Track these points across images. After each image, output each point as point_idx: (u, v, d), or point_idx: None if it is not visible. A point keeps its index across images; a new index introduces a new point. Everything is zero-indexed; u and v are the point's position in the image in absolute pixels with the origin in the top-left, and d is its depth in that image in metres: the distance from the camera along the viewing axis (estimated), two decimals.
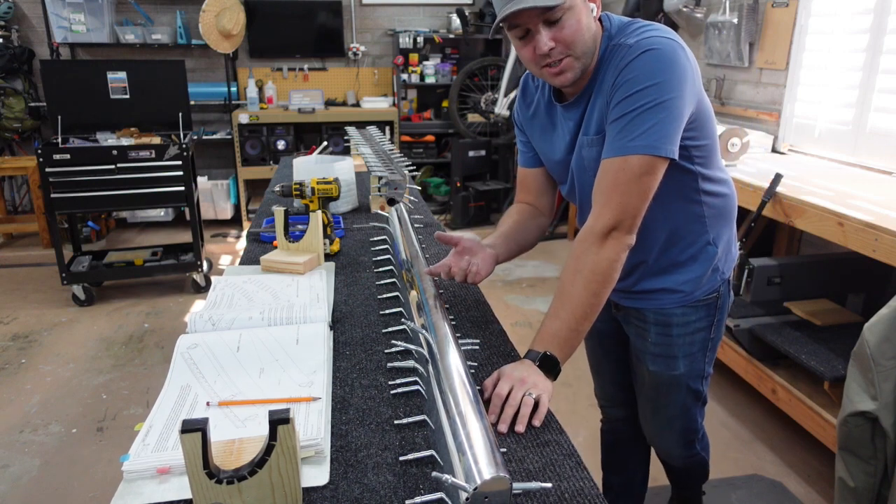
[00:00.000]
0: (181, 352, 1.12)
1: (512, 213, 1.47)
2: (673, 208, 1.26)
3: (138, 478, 0.85)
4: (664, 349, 1.40)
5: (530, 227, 1.44)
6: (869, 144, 2.55)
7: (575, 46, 1.12)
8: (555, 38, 1.11)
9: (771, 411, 2.49)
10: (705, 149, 1.22)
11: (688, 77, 1.10)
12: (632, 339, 1.48)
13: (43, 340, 3.20)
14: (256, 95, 4.82)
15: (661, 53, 1.08)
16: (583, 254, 1.12)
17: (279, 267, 1.53)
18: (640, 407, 1.58)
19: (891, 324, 1.45)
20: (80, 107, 3.57)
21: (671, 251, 1.32)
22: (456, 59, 5.25)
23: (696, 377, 1.44)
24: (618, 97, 1.11)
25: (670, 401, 1.47)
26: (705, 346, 1.42)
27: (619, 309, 1.47)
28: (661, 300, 1.36)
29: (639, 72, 1.08)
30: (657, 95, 1.07)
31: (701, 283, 1.35)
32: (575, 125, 1.26)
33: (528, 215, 1.45)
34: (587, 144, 1.22)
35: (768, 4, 2.98)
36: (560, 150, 1.31)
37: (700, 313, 1.38)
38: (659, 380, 1.44)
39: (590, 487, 0.85)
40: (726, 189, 1.33)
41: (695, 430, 1.53)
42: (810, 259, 2.60)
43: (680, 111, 1.09)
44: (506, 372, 1.05)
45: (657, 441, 1.60)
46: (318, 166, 2.10)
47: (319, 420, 0.96)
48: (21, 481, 2.19)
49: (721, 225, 1.34)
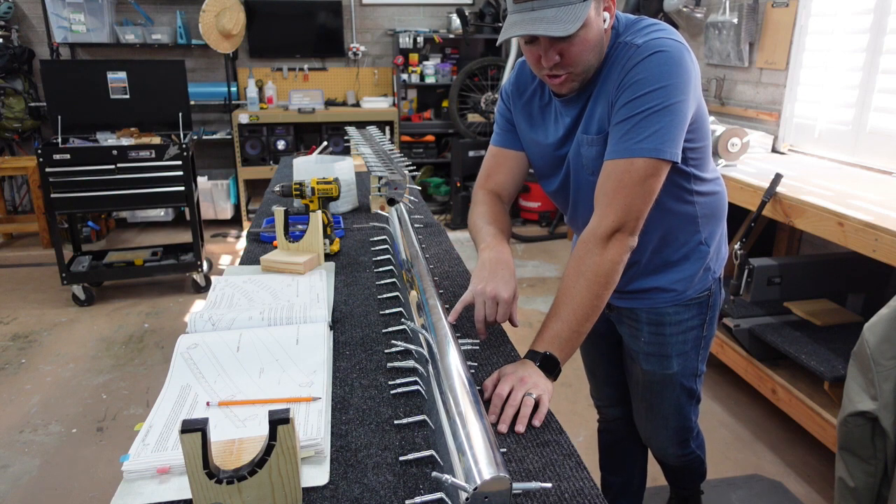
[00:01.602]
0: (181, 352, 1.12)
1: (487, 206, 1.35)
2: (666, 209, 1.27)
3: (138, 478, 0.85)
4: (657, 348, 1.41)
5: (506, 219, 1.34)
6: (869, 144, 2.55)
7: (578, 65, 1.13)
8: (561, 53, 1.11)
9: (771, 411, 2.49)
10: (700, 151, 1.24)
11: (692, 81, 1.11)
12: (625, 339, 1.48)
13: (43, 340, 3.20)
14: (256, 95, 4.82)
15: (670, 56, 1.09)
16: (586, 255, 1.13)
17: (279, 267, 1.53)
18: (634, 406, 1.58)
19: (891, 324, 1.45)
20: (80, 107, 3.57)
21: (664, 251, 1.33)
22: (456, 59, 5.24)
23: (689, 375, 1.44)
24: (624, 98, 1.11)
25: (664, 399, 1.47)
26: (698, 345, 1.42)
27: (611, 309, 1.47)
28: (654, 299, 1.37)
29: (647, 73, 1.09)
30: (664, 99, 1.08)
31: (693, 282, 1.35)
32: (572, 121, 1.25)
33: (500, 207, 1.36)
34: (587, 143, 1.21)
35: (768, 4, 2.98)
36: (553, 143, 1.30)
37: (692, 311, 1.38)
38: (653, 379, 1.45)
39: (590, 487, 0.85)
40: (717, 187, 1.34)
41: (689, 428, 1.54)
42: (810, 259, 2.60)
43: (685, 115, 1.11)
44: (506, 372, 1.05)
45: (652, 440, 1.60)
46: (318, 166, 2.10)
47: (319, 420, 0.96)
48: (21, 481, 2.19)
49: (713, 224, 1.35)
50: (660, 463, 1.73)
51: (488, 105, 4.86)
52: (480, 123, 5.06)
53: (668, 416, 1.50)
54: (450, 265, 1.64)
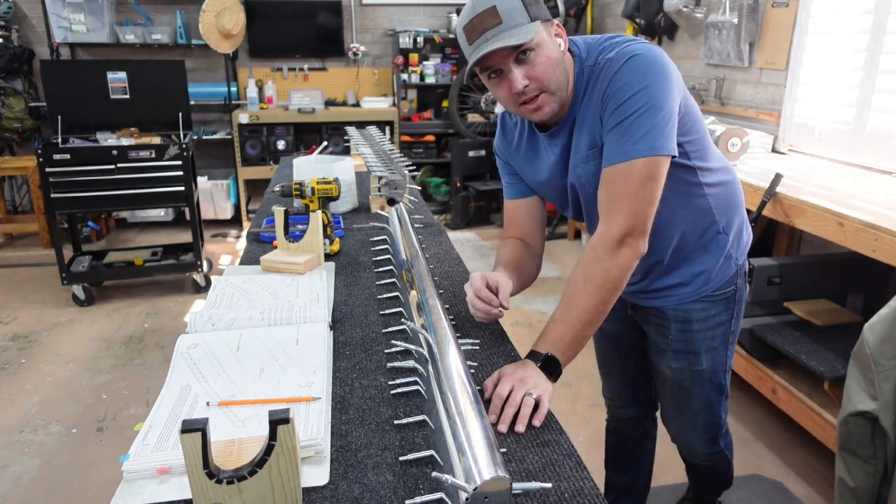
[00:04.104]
0: (181, 352, 1.12)
1: (507, 249, 1.38)
2: (680, 207, 1.28)
3: (138, 478, 0.85)
4: (686, 345, 1.42)
5: (528, 263, 1.37)
6: (869, 144, 2.55)
7: (548, 82, 1.14)
8: (528, 75, 1.13)
9: (771, 411, 2.49)
10: (697, 142, 1.24)
11: (672, 76, 1.13)
12: (652, 337, 1.48)
13: (43, 340, 3.20)
14: (256, 95, 4.82)
15: (646, 58, 1.11)
16: (595, 261, 1.13)
17: (279, 267, 1.53)
18: (661, 405, 1.58)
19: (891, 324, 1.45)
20: (80, 107, 3.58)
21: (685, 248, 1.34)
22: (456, 59, 5.24)
23: (719, 371, 1.45)
24: (612, 105, 1.12)
25: (694, 396, 1.48)
26: (726, 340, 1.43)
27: (636, 310, 1.48)
28: (678, 295, 1.38)
29: (629, 78, 1.11)
30: (650, 97, 1.09)
31: (714, 272, 1.36)
32: (561, 150, 1.26)
33: (523, 251, 1.38)
34: (581, 162, 1.22)
35: (768, 4, 2.98)
36: (552, 177, 1.31)
37: (719, 307, 1.39)
38: (682, 376, 1.45)
39: (590, 487, 0.85)
40: (727, 176, 1.34)
41: (718, 425, 1.54)
42: (810, 259, 2.60)
43: (672, 109, 1.12)
44: (506, 372, 1.05)
45: (681, 439, 1.60)
46: (318, 166, 2.10)
47: (319, 420, 0.96)
48: (21, 481, 2.19)
49: (730, 212, 1.35)
50: (686, 463, 1.73)
51: (488, 105, 4.86)
52: (480, 123, 5.06)
53: (697, 413, 1.51)
54: (450, 265, 1.65)
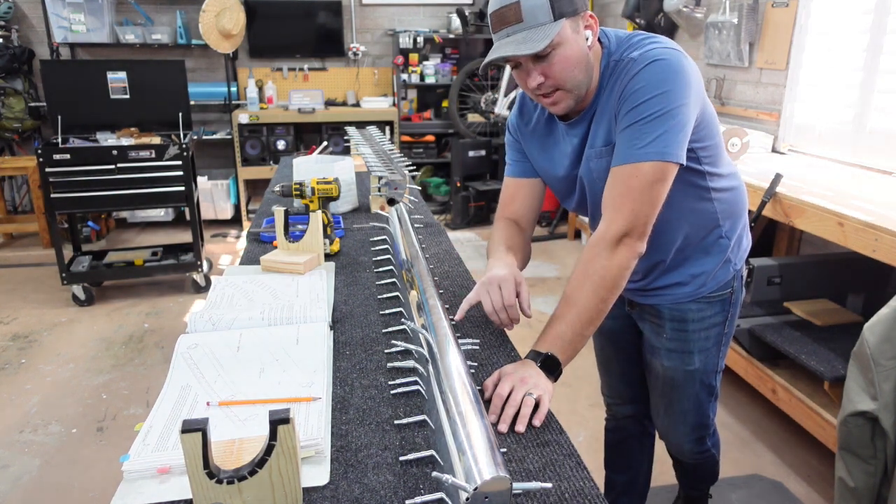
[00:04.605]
0: (181, 352, 1.12)
1: (505, 231, 1.38)
2: (686, 209, 1.29)
3: (138, 478, 0.85)
4: (679, 345, 1.43)
5: (525, 247, 1.39)
6: (869, 144, 2.55)
7: (564, 81, 1.15)
8: (544, 72, 1.14)
9: (771, 411, 2.49)
10: (711, 148, 1.26)
11: (693, 84, 1.13)
12: (646, 335, 1.50)
13: (43, 340, 3.20)
14: (256, 95, 4.82)
15: (668, 64, 1.11)
16: (593, 259, 1.13)
17: (279, 267, 1.53)
18: (652, 403, 1.59)
19: (891, 324, 1.45)
20: (80, 107, 3.57)
21: (687, 249, 1.35)
22: (456, 59, 5.25)
23: (710, 372, 1.46)
24: (627, 107, 1.13)
25: (684, 395, 1.49)
26: (719, 341, 1.45)
27: (633, 306, 1.49)
28: (675, 294, 1.39)
29: (647, 81, 1.11)
30: (666, 104, 1.10)
31: (713, 275, 1.37)
32: (580, 141, 1.27)
33: (519, 233, 1.39)
34: (595, 157, 1.24)
35: (768, 4, 2.98)
36: (564, 165, 1.33)
37: (715, 308, 1.41)
38: (673, 375, 1.47)
39: (590, 487, 0.85)
40: (735, 182, 1.36)
41: (707, 425, 1.55)
42: (810, 259, 2.60)
43: (687, 118, 1.13)
44: (506, 372, 1.05)
45: (669, 436, 1.61)
46: (318, 166, 2.10)
47: (319, 420, 0.96)
48: (21, 481, 2.19)
49: (734, 218, 1.37)
50: (674, 460, 1.73)
51: (488, 105, 4.86)
52: (480, 123, 5.06)
53: (686, 412, 1.52)
54: (450, 265, 1.65)
